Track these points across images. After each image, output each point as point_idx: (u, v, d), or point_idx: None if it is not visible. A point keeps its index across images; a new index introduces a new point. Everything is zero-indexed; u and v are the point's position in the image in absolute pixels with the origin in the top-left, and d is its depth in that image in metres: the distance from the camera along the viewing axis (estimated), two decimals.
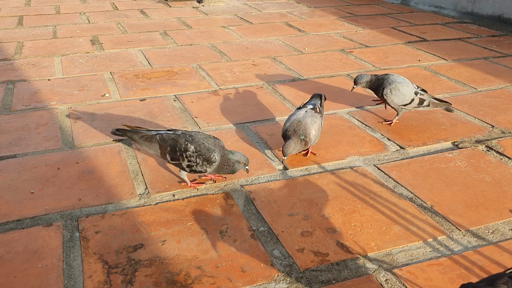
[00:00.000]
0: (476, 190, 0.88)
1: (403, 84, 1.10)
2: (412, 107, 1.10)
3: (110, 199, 0.85)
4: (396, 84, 1.09)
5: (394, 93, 1.09)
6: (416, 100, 1.10)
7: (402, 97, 1.09)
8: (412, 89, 1.10)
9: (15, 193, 0.86)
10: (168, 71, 1.52)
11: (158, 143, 0.86)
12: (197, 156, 0.84)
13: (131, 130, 0.90)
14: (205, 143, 0.85)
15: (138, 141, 0.88)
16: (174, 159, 0.86)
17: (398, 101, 1.10)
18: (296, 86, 1.40)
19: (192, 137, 0.86)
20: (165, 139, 0.86)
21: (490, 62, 1.65)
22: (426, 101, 1.10)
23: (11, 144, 1.04)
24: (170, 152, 0.86)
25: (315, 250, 0.72)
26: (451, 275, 0.67)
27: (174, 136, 0.86)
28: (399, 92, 1.09)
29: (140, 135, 0.88)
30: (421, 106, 1.10)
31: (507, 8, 2.16)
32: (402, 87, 1.09)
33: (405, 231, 0.77)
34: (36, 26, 2.11)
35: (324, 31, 2.07)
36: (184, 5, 2.68)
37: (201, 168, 0.85)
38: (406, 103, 1.10)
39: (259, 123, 1.15)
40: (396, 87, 1.09)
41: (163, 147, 0.86)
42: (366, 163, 0.98)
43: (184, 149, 0.84)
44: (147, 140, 0.87)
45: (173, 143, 0.85)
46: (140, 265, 0.69)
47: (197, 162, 0.85)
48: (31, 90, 1.35)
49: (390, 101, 1.10)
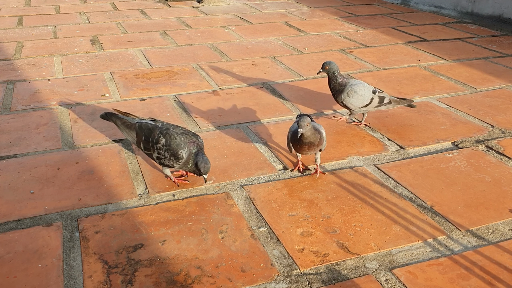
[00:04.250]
0: (476, 190, 0.88)
1: (359, 85, 1.08)
2: (373, 107, 1.09)
3: (110, 199, 0.85)
4: (352, 87, 1.08)
5: (352, 96, 1.07)
6: (376, 98, 1.08)
7: (361, 98, 1.07)
8: (370, 89, 1.09)
9: (15, 193, 0.86)
10: (168, 71, 1.52)
11: (135, 131, 0.89)
12: (166, 150, 0.85)
13: (116, 115, 0.92)
14: (177, 139, 0.85)
15: (119, 127, 0.91)
16: (147, 149, 0.88)
17: (357, 103, 1.08)
18: (296, 86, 1.40)
19: (167, 130, 0.86)
20: (142, 128, 0.88)
21: (490, 62, 1.65)
22: (387, 98, 1.09)
23: (11, 144, 1.04)
24: (144, 142, 0.87)
25: (315, 250, 0.72)
26: (451, 275, 0.67)
27: (151, 127, 0.88)
28: (357, 94, 1.07)
29: (122, 121, 0.91)
30: (382, 104, 1.09)
31: (507, 8, 2.16)
32: (359, 89, 1.07)
33: (405, 231, 0.77)
34: (36, 26, 2.11)
35: (324, 31, 2.07)
36: (184, 5, 2.68)
37: (169, 162, 0.86)
38: (366, 104, 1.08)
39: (259, 123, 1.15)
40: (352, 89, 1.07)
41: (139, 136, 0.88)
42: (366, 163, 0.98)
43: (156, 141, 0.86)
44: (127, 126, 0.90)
45: (148, 133, 0.87)
46: (140, 265, 0.69)
47: (165, 156, 0.85)
48: (31, 90, 1.35)
49: (350, 105, 1.08)
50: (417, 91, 1.36)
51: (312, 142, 0.88)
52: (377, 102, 1.09)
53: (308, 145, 0.88)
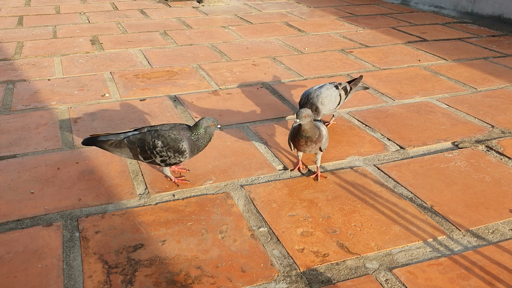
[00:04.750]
0: (476, 190, 0.88)
1: (322, 91, 1.06)
2: (343, 101, 1.10)
3: (110, 199, 0.85)
4: (320, 95, 1.05)
5: (326, 102, 1.05)
6: (342, 92, 1.09)
7: (334, 100, 1.07)
8: (331, 87, 1.08)
9: (15, 193, 0.86)
10: (168, 71, 1.52)
11: (128, 147, 0.85)
12: (167, 150, 0.84)
13: (100, 140, 0.87)
14: (171, 135, 0.85)
15: (108, 149, 0.86)
16: (147, 158, 0.86)
17: (333, 106, 1.07)
18: (296, 86, 1.40)
19: (157, 132, 0.86)
20: (132, 141, 0.85)
21: (490, 62, 1.65)
22: (347, 86, 1.11)
23: (11, 144, 1.04)
24: (141, 153, 0.85)
25: (315, 250, 0.72)
26: (451, 275, 0.67)
27: (141, 136, 0.86)
28: (328, 98, 1.06)
29: (109, 143, 0.86)
30: (349, 94, 1.12)
31: (507, 8, 2.16)
32: (326, 93, 1.06)
33: (405, 231, 0.77)
34: (36, 26, 2.11)
35: (324, 31, 2.07)
36: (184, 5, 2.68)
37: (175, 160, 0.86)
38: (339, 101, 1.08)
39: (259, 123, 1.15)
40: (322, 97, 1.05)
41: (133, 149, 0.85)
42: (366, 163, 0.98)
43: (153, 146, 0.84)
44: (117, 146, 0.86)
45: (141, 143, 0.85)
46: (140, 265, 0.69)
47: (169, 156, 0.85)
48: (31, 90, 1.35)
49: (328, 111, 1.07)
50: (417, 91, 1.36)
51: (310, 137, 0.87)
52: (344, 96, 1.10)
53: (305, 139, 0.87)
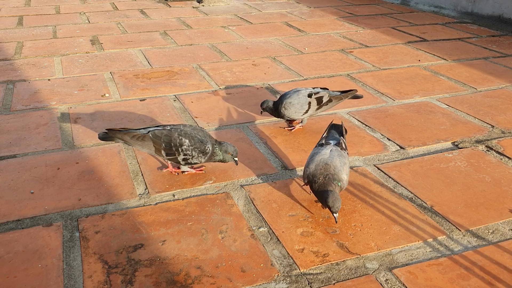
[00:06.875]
0: (476, 190, 0.88)
1: (292, 95, 1.05)
2: (313, 111, 1.07)
3: (110, 199, 0.85)
4: (285, 99, 1.05)
5: (288, 108, 1.05)
6: (314, 102, 1.06)
7: (299, 107, 1.05)
8: (305, 94, 1.06)
9: (15, 193, 0.86)
10: (168, 71, 1.52)
11: (152, 141, 0.87)
12: (193, 149, 0.87)
13: (121, 131, 0.88)
14: (197, 136, 0.88)
15: (129, 142, 0.88)
16: (170, 155, 0.88)
17: (297, 114, 1.06)
18: (296, 86, 1.40)
19: (184, 131, 0.88)
20: (158, 136, 0.87)
21: (490, 62, 1.65)
22: (325, 97, 1.06)
23: (11, 144, 1.04)
24: (165, 148, 0.87)
25: (315, 250, 0.72)
26: (451, 275, 0.67)
27: (167, 132, 0.88)
28: (292, 105, 1.05)
29: (131, 135, 0.87)
30: (323, 105, 1.07)
31: (507, 8, 2.16)
32: (293, 99, 1.05)
33: (405, 231, 0.77)
34: (36, 26, 2.11)
35: (324, 31, 2.07)
36: (184, 5, 2.68)
37: (197, 160, 0.88)
38: (306, 110, 1.06)
39: (259, 123, 1.15)
40: (287, 102, 1.05)
41: (157, 144, 0.87)
42: (366, 163, 0.98)
43: (180, 144, 0.86)
44: (140, 139, 0.87)
45: (167, 139, 0.87)
46: (140, 265, 0.69)
47: (192, 155, 0.87)
48: (31, 90, 1.35)
49: (292, 116, 1.06)
50: (417, 91, 1.36)
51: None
52: (316, 106, 1.06)
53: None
